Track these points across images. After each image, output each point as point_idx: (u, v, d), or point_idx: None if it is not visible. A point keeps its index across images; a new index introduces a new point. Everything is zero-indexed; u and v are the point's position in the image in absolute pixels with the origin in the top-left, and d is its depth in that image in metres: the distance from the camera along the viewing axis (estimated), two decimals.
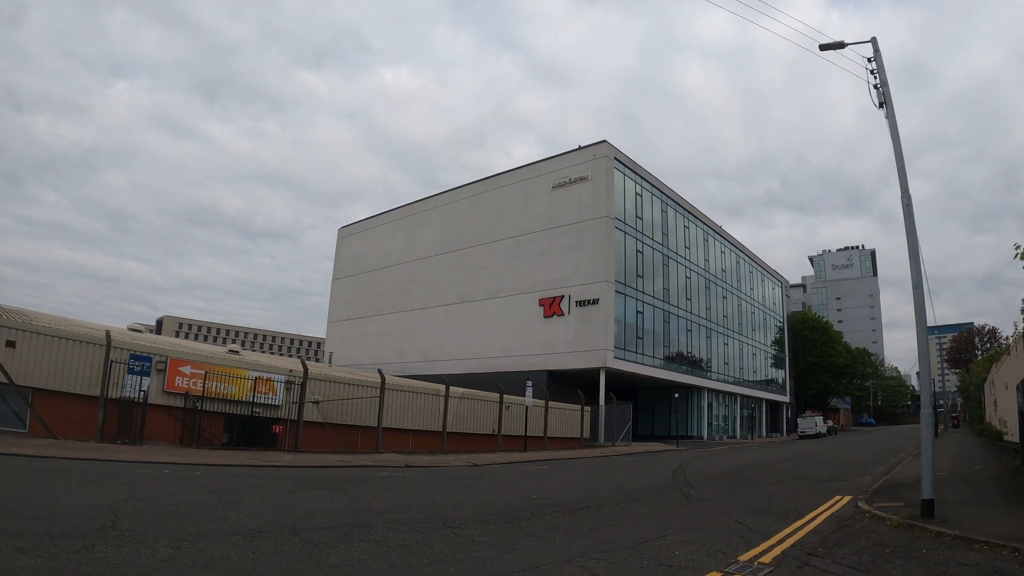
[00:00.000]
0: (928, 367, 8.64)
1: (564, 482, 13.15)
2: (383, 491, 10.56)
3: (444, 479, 13.59)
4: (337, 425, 20.77)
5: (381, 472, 14.50)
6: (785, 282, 71.01)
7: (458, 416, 23.15)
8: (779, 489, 11.91)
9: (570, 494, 10.88)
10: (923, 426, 8.69)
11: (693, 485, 12.52)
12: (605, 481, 13.37)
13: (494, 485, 12.31)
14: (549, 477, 14.35)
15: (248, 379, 19.99)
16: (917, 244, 8.42)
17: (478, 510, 8.72)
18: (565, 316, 36.38)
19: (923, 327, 8.37)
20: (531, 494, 10.80)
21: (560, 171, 38.88)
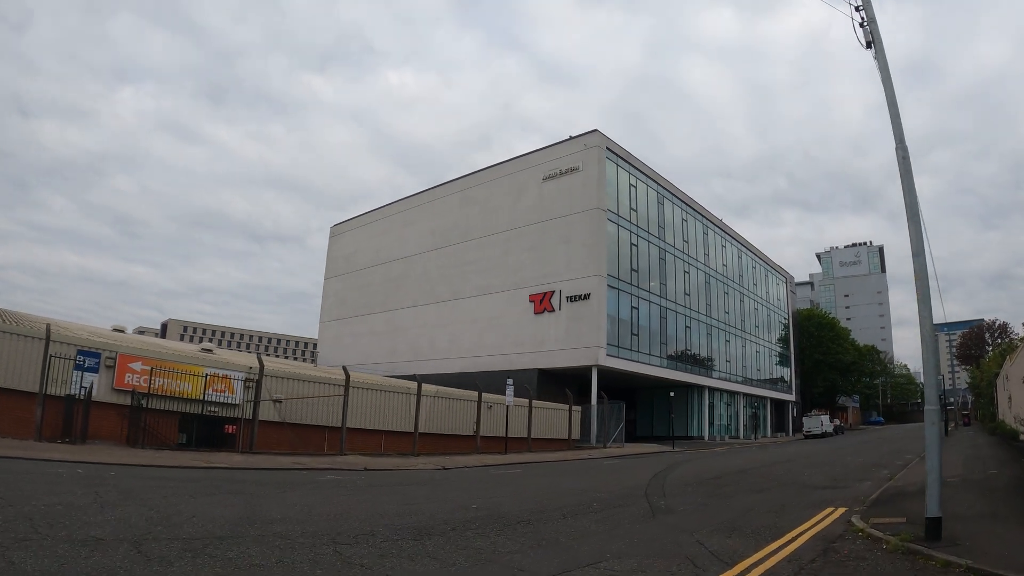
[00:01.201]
0: (934, 353, 7.16)
1: (523, 489, 11.79)
2: (304, 496, 9.41)
3: (394, 483, 12.40)
4: (300, 425, 19.54)
5: (327, 475, 13.40)
6: (790, 278, 69.21)
7: (433, 416, 21.80)
8: (763, 498, 10.46)
9: (519, 503, 9.54)
10: (927, 425, 7.13)
11: (667, 493, 11.09)
12: (570, 488, 11.97)
13: (441, 491, 11.00)
14: (511, 483, 13.00)
15: (202, 376, 18.90)
16: (916, 202, 6.99)
17: (394, 521, 7.47)
18: (556, 312, 34.95)
19: (926, 303, 6.91)
20: (472, 503, 9.46)
21: (551, 162, 37.47)
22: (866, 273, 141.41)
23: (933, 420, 7.12)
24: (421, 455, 20.46)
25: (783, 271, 67.02)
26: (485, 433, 23.89)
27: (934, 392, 7.32)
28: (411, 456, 20.18)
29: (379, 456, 19.47)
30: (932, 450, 7.09)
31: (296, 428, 19.43)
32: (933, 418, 7.13)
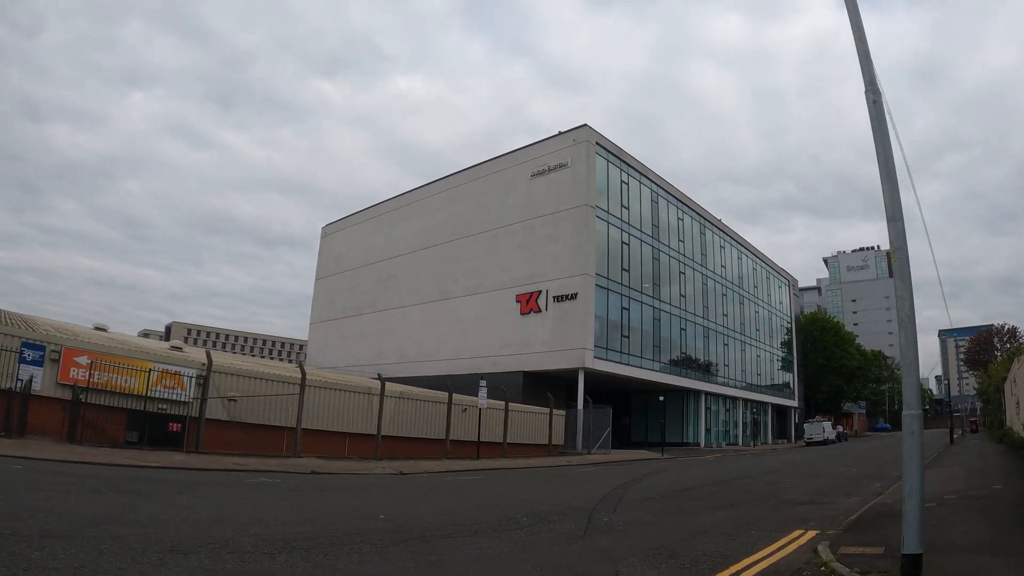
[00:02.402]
0: (913, 344, 5.82)
1: (461, 498, 10.60)
2: (200, 498, 8.64)
3: (327, 488, 11.30)
4: (255, 426, 18.43)
5: (260, 478, 12.45)
6: (793, 281, 67.60)
7: (399, 418, 20.57)
8: (728, 516, 9.12)
9: (438, 515, 8.37)
10: (906, 435, 5.71)
11: (619, 508, 9.80)
12: (514, 498, 10.70)
13: (368, 498, 9.94)
14: (456, 491, 11.80)
15: (153, 371, 17.92)
16: (891, 157, 5.69)
17: (269, 531, 6.50)
18: (542, 313, 33.67)
19: (904, 279, 5.62)
20: (387, 512, 8.32)
21: (539, 158, 36.26)
22: (874, 278, 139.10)
23: (913, 428, 5.68)
24: (384, 459, 19.24)
25: (786, 274, 65.45)
26: (459, 437, 22.63)
27: (915, 392, 5.88)
28: (372, 460, 18.97)
29: (337, 459, 18.27)
30: (911, 468, 5.66)
31: (250, 428, 18.31)
32: (913, 425, 5.70)
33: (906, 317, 5.75)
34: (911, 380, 5.93)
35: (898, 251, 5.64)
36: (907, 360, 5.95)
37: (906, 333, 5.83)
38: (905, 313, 5.77)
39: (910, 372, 5.92)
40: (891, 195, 5.64)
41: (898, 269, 5.65)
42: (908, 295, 5.65)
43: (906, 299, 5.64)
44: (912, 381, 5.92)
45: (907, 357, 5.95)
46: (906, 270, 5.66)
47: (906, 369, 5.99)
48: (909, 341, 5.85)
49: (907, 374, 5.98)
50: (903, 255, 5.63)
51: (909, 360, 5.93)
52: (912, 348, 5.91)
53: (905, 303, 5.66)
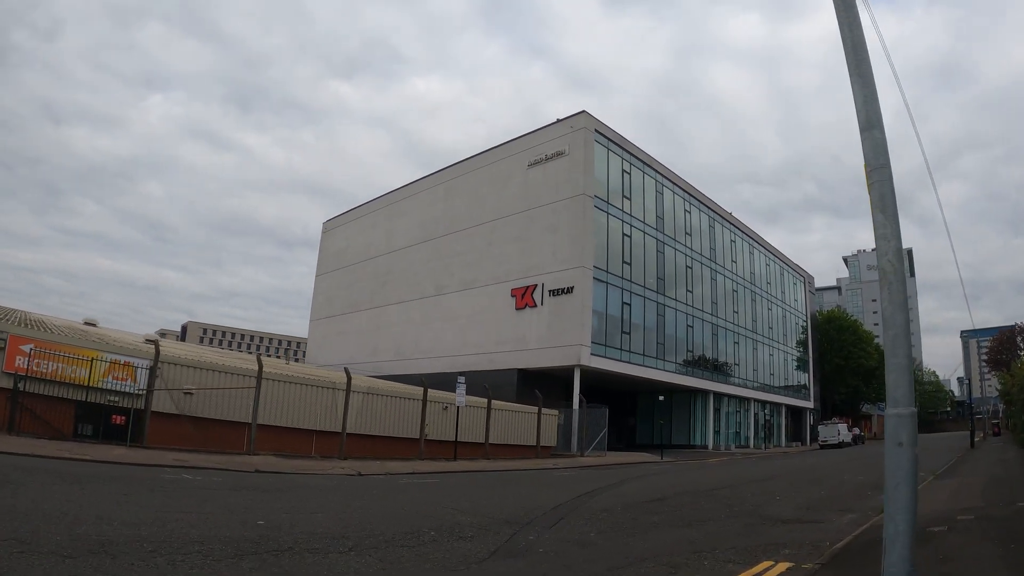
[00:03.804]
0: (902, 307, 4.29)
1: (378, 505, 9.29)
2: (79, 492, 7.82)
3: (250, 488, 10.15)
4: (210, 420, 17.28)
5: (184, 474, 11.62)
6: (809, 278, 65.24)
7: (368, 415, 19.26)
8: (687, 537, 7.51)
9: (328, 524, 7.17)
10: (890, 447, 4.05)
11: (565, 521, 8.34)
12: (441, 507, 9.29)
13: (286, 500, 8.68)
14: (394, 495, 10.50)
15: (100, 361, 16.95)
16: (861, 36, 4.20)
17: (107, 532, 5.55)
18: (538, 308, 32.18)
19: (888, 204, 4.13)
20: (261, 519, 7.12)
21: (537, 147, 34.80)
22: None
23: (901, 436, 3.97)
24: (350, 459, 17.95)
25: (801, 271, 63.13)
26: (439, 437, 21.27)
27: (904, 382, 4.14)
28: (336, 459, 17.68)
29: (296, 458, 17.01)
30: (898, 495, 3.92)
31: (204, 423, 17.16)
32: (902, 432, 3.98)
33: (891, 266, 4.21)
34: (898, 363, 4.29)
35: (876, 171, 4.14)
36: (892, 330, 4.38)
37: (891, 290, 4.29)
38: (889, 261, 4.23)
39: (897, 350, 4.31)
40: (864, 95, 4.18)
41: (877, 197, 4.16)
42: (894, 235, 4.14)
43: (890, 241, 4.13)
44: (900, 364, 4.27)
45: (892, 325, 4.38)
46: (889, 199, 4.15)
47: (891, 345, 4.40)
48: (895, 302, 4.30)
49: (892, 353, 4.36)
50: (884, 177, 4.13)
51: (895, 331, 4.35)
52: (900, 313, 4.33)
53: (889, 246, 4.14)
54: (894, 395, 4.12)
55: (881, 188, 4.12)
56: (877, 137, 4.13)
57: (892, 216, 4.11)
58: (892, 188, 4.13)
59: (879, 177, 4.12)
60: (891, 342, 4.19)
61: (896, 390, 4.11)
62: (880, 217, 4.14)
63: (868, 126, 4.11)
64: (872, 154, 4.13)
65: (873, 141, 4.13)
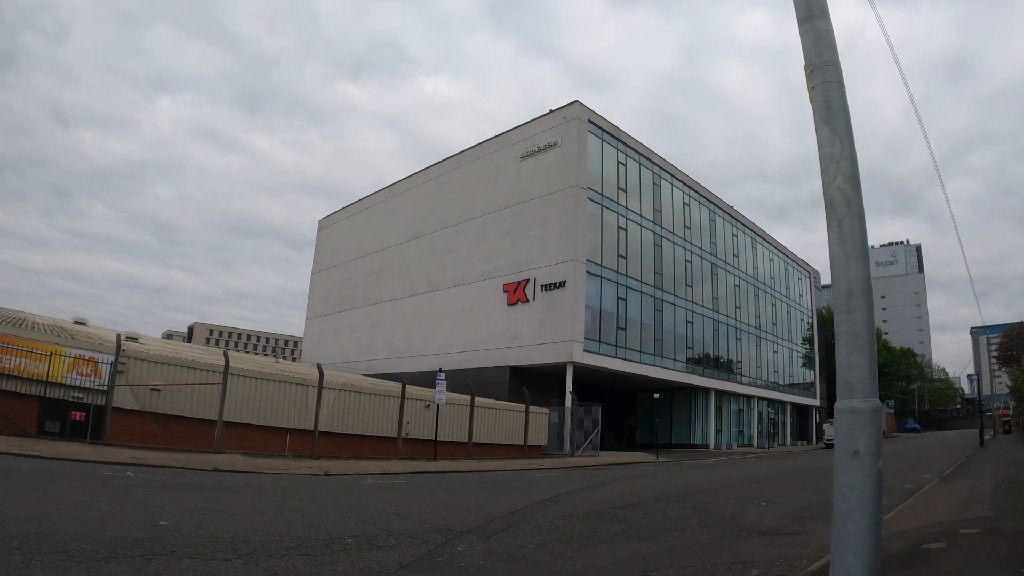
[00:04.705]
0: (862, 257, 3.29)
1: (316, 507, 8.47)
2: None
3: (192, 487, 9.56)
4: (176, 417, 16.58)
5: (128, 472, 11.21)
6: (815, 274, 63.93)
7: (342, 413, 18.46)
8: (641, 553, 6.41)
9: (238, 527, 6.45)
10: (839, 460, 3.00)
11: (512, 530, 7.44)
12: (381, 511, 8.46)
13: (197, 501, 8.00)
14: (338, 496, 9.72)
15: (67, 357, 16.39)
16: None
17: None
18: (530, 303, 31.29)
19: (838, 114, 3.18)
20: (163, 520, 6.35)
21: (529, 139, 33.91)
22: (903, 273, 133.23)
23: (858, 443, 2.88)
24: (323, 458, 17.16)
25: (807, 266, 61.89)
26: (422, 436, 20.44)
27: (864, 360, 3.00)
28: (308, 458, 16.90)
29: (264, 457, 16.24)
30: (851, 526, 2.85)
31: (169, 420, 16.45)
32: (858, 436, 2.89)
33: (841, 197, 3.27)
34: (854, 334, 3.09)
35: (820, 70, 3.25)
36: (844, 285, 3.28)
37: (842, 230, 3.31)
38: (839, 189, 3.27)
39: (852, 315, 3.15)
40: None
41: (821, 105, 3.25)
42: (845, 154, 3.20)
43: (839, 162, 3.20)
44: (856, 337, 3.07)
45: (844, 279, 3.29)
46: (838, 106, 3.22)
47: (844, 308, 3.24)
48: (849, 246, 3.28)
49: (845, 319, 3.16)
50: (830, 77, 3.21)
51: (849, 286, 3.20)
52: (856, 263, 3.23)
53: (838, 169, 3.21)
54: (847, 380, 3.10)
55: (826, 92, 3.19)
56: (820, 29, 3.19)
57: (843, 131, 3.16)
58: (842, 93, 3.18)
59: (824, 78, 3.19)
60: (843, 303, 3.21)
61: (850, 373, 3.10)
62: (826, 132, 3.21)
63: (808, 16, 3.19)
64: (814, 50, 3.20)
65: (815, 34, 3.19)
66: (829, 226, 3.19)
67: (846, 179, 3.13)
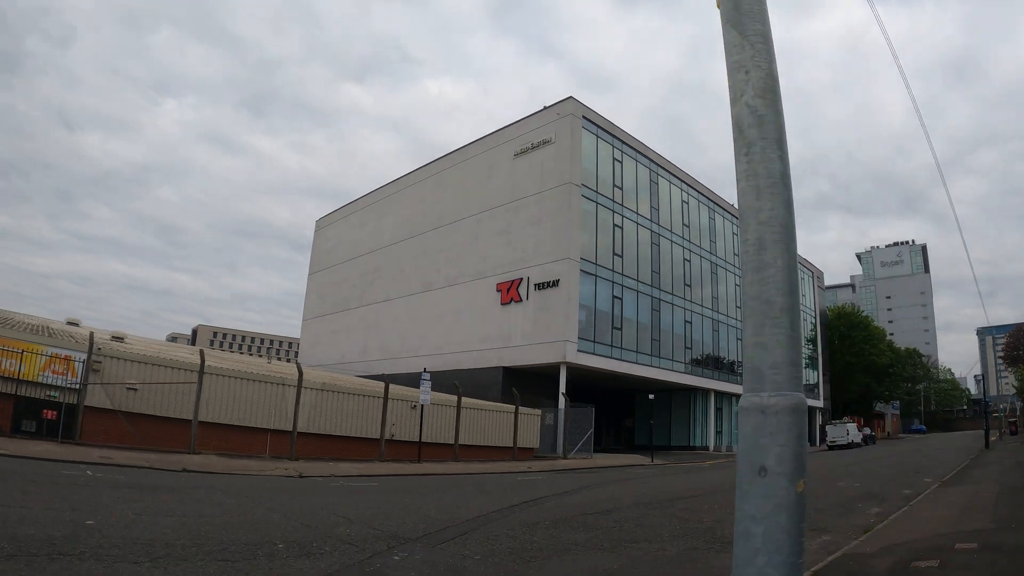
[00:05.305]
0: (776, 188, 2.63)
1: (263, 509, 8.04)
2: None
3: (141, 486, 9.18)
4: (152, 417, 16.24)
5: (88, 471, 10.95)
6: (818, 273, 63.13)
7: (323, 413, 18.01)
8: (605, 565, 5.84)
9: (164, 531, 5.99)
10: (742, 480, 2.18)
11: (465, 537, 6.94)
12: (332, 515, 7.97)
13: (131, 502, 7.51)
14: (297, 497, 9.29)
15: (42, 355, 16.16)
16: None
17: None
18: (523, 303, 30.78)
19: (755, 32, 2.69)
20: (89, 520, 5.94)
21: (524, 136, 33.43)
22: (909, 273, 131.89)
23: (766, 457, 2.11)
24: (303, 459, 16.71)
25: (810, 265, 61.06)
26: (407, 438, 19.96)
27: (783, 337, 2.28)
28: (287, 460, 16.44)
29: (242, 458, 15.81)
30: (755, 568, 2.05)
31: (144, 420, 16.12)
32: (768, 446, 2.12)
33: (750, 116, 2.66)
34: (768, 301, 2.36)
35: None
36: (753, 233, 2.53)
37: (751, 159, 2.68)
38: (747, 106, 2.64)
39: (766, 273, 2.40)
40: None
41: (729, 7, 2.71)
42: (760, 63, 2.63)
43: (749, 72, 2.63)
44: (774, 306, 2.34)
45: (755, 220, 2.55)
46: (752, 5, 2.67)
47: (753, 265, 2.50)
48: (763, 183, 2.61)
49: (757, 280, 2.44)
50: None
51: (764, 233, 2.50)
52: (773, 203, 2.54)
53: (747, 82, 2.62)
54: (755, 366, 2.21)
55: (737, 6, 2.67)
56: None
57: (756, 34, 2.56)
58: (764, 7, 2.67)
59: None
60: (752, 257, 2.54)
61: (759, 355, 2.21)
62: (734, 36, 2.64)
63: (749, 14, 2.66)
64: None
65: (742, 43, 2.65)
66: (737, 155, 2.62)
67: (757, 93, 2.55)
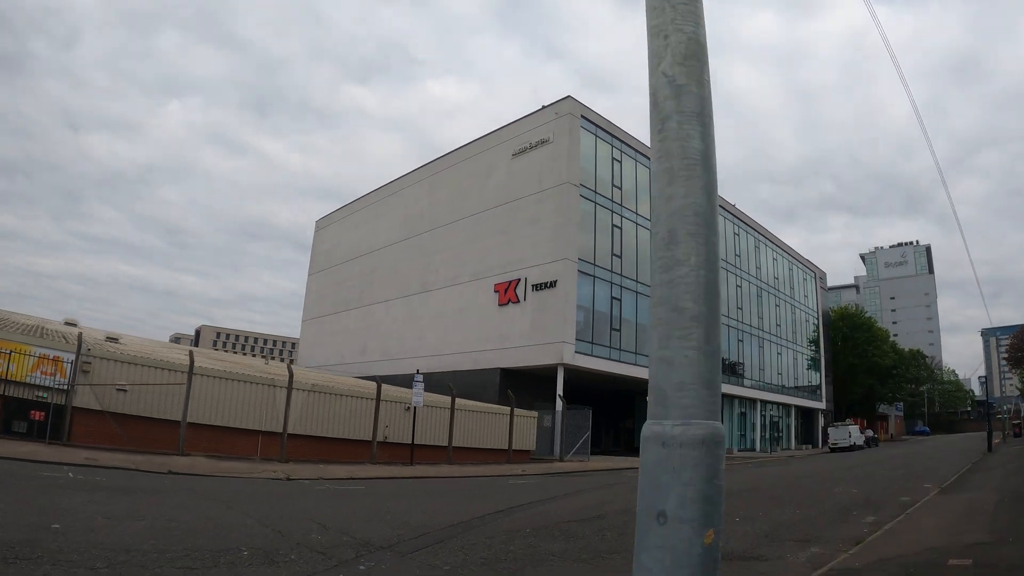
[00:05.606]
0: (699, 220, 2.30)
1: (235, 512, 7.86)
2: None
3: (116, 489, 9.13)
4: (142, 418, 16.11)
5: (70, 473, 10.87)
6: (821, 274, 62.77)
7: (314, 415, 17.85)
8: None
9: (132, 535, 5.79)
10: (642, 525, 1.92)
11: (433, 548, 6.76)
12: (307, 520, 7.78)
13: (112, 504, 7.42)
14: (274, 501, 9.12)
15: (31, 356, 16.09)
16: None
17: None
18: (521, 303, 30.58)
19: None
20: (55, 524, 5.73)
21: (522, 136, 33.24)
22: (913, 274, 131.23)
23: (665, 501, 1.84)
24: (293, 461, 16.54)
25: (812, 266, 60.73)
26: (401, 439, 19.78)
27: (696, 364, 2.02)
28: (277, 462, 16.28)
29: (231, 460, 15.64)
30: None
31: (132, 421, 15.99)
32: (669, 485, 1.86)
33: (668, 88, 2.33)
34: (675, 306, 2.12)
35: None
36: (662, 224, 2.36)
37: (665, 136, 2.41)
38: (667, 77, 2.34)
39: (675, 277, 2.16)
40: None
41: None
42: (683, 25, 2.36)
43: (674, 38, 2.34)
44: (679, 312, 2.11)
45: (662, 211, 2.39)
46: None
47: (660, 263, 2.29)
48: (676, 164, 2.37)
49: (660, 279, 2.23)
50: None
51: (672, 220, 2.31)
52: (688, 190, 2.31)
53: (671, 45, 2.34)
54: (659, 385, 1.84)
55: None
56: None
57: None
58: None
59: None
60: (662, 254, 2.14)
61: (665, 373, 1.89)
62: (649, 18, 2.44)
63: None
64: None
65: None
66: (652, 133, 2.40)
67: (677, 60, 2.25)
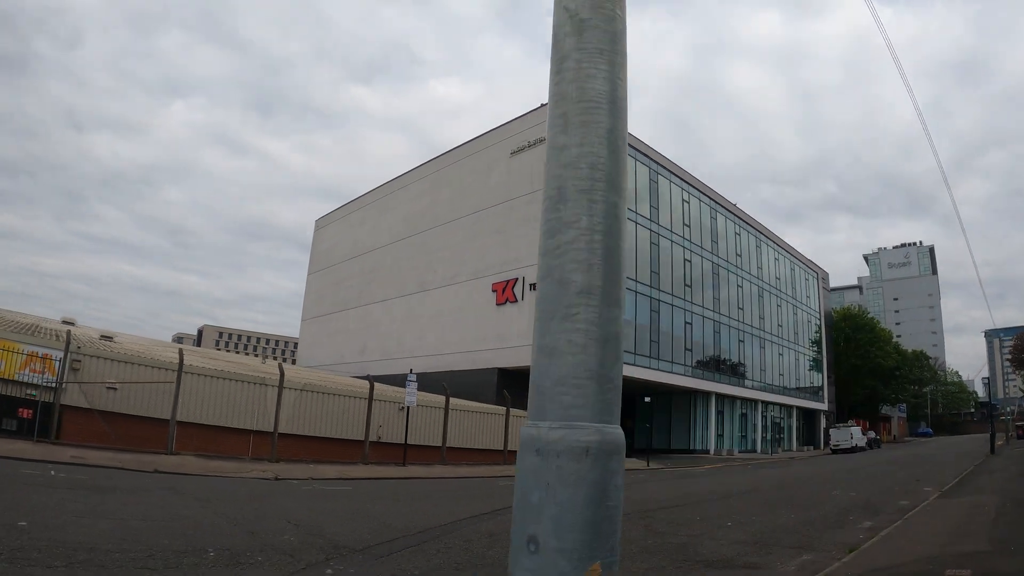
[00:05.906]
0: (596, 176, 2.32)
1: (209, 512, 7.76)
2: None
3: (93, 488, 8.86)
4: (131, 417, 15.98)
5: (52, 471, 10.78)
6: (823, 274, 62.41)
7: (305, 414, 17.67)
8: None
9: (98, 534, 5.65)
10: (514, 529, 1.69)
11: (406, 552, 6.56)
12: (285, 520, 7.61)
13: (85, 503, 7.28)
14: (255, 500, 8.93)
15: (20, 354, 15.96)
16: None
17: None
18: (518, 303, 30.37)
19: None
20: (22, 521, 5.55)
21: (521, 134, 33.07)
22: (916, 275, 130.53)
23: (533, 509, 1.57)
24: (284, 461, 16.37)
25: (815, 266, 60.36)
26: (394, 440, 19.58)
27: (585, 355, 1.69)
28: (267, 461, 16.11)
29: (220, 459, 15.49)
30: None
31: (122, 419, 15.85)
32: (538, 486, 1.60)
33: (570, 23, 2.10)
34: (560, 280, 1.92)
35: None
36: (553, 180, 2.20)
37: (562, 76, 2.14)
38: (568, 11, 2.13)
39: (562, 244, 2.03)
40: None
41: None
42: None
43: None
44: (564, 285, 1.87)
45: (553, 164, 2.20)
46: None
47: (548, 229, 2.16)
48: (572, 109, 2.09)
49: (548, 246, 2.10)
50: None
51: (563, 175, 2.13)
52: (583, 138, 2.06)
53: None
54: (539, 383, 1.64)
55: None
56: None
57: None
58: None
59: None
60: (551, 217, 1.92)
61: (546, 367, 1.65)
62: None
63: None
64: None
65: None
66: (550, 77, 2.16)
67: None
